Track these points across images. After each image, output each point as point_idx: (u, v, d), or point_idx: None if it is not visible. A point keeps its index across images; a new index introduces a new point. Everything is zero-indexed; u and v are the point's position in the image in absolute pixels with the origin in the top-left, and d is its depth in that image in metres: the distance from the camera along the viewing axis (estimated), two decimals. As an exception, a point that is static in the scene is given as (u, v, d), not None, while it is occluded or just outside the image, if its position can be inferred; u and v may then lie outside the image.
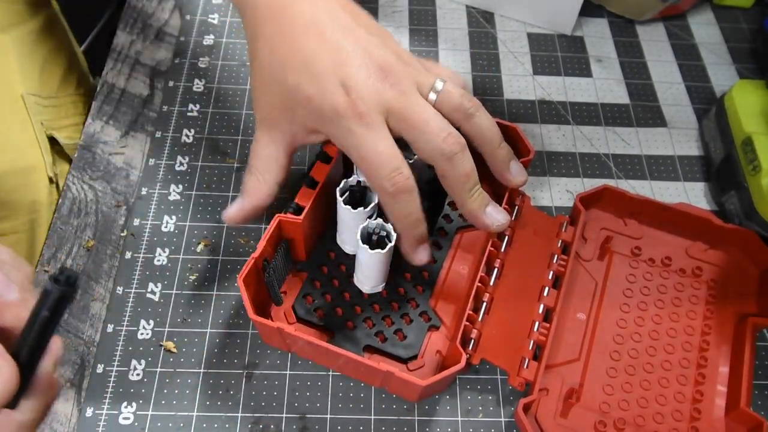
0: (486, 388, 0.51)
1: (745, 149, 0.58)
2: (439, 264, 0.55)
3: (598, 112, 0.67)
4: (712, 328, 0.53)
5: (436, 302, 0.53)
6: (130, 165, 0.60)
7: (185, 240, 0.56)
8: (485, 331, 0.50)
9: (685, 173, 0.63)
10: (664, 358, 0.52)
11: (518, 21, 0.74)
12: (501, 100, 0.67)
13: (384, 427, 0.49)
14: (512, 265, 0.54)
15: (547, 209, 0.60)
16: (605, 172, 0.63)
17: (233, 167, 0.61)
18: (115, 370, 0.50)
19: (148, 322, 0.52)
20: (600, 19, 0.75)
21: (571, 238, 0.54)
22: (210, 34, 0.70)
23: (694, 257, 0.56)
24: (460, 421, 0.50)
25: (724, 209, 0.60)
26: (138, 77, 0.66)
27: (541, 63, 0.71)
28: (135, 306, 0.53)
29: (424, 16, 0.74)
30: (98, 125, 0.63)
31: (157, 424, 0.48)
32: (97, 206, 0.58)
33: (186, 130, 0.63)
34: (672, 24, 0.75)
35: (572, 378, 0.50)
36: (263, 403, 0.49)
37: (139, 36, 0.70)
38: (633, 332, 0.53)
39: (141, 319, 0.52)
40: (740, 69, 0.71)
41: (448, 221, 0.57)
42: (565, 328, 0.52)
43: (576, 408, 0.49)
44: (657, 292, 0.55)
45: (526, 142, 0.54)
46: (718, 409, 0.50)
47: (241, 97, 0.65)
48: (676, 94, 0.69)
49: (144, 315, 0.53)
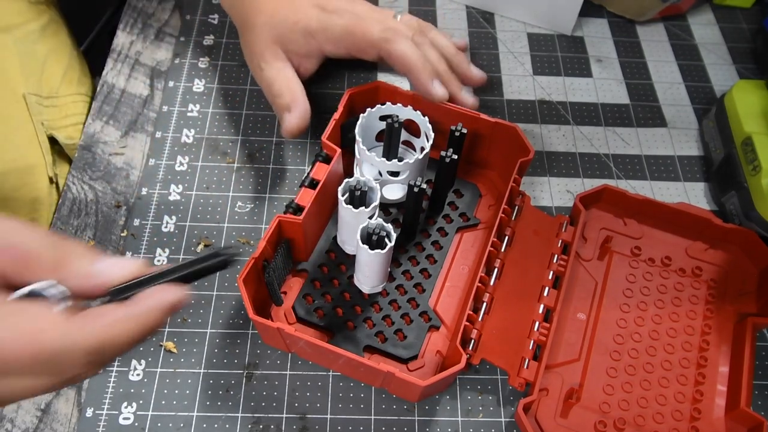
0: (486, 388, 0.51)
1: (745, 149, 0.58)
2: (439, 264, 0.55)
3: (598, 112, 0.67)
4: (712, 327, 0.53)
5: (436, 302, 0.54)
6: (130, 165, 0.60)
7: (185, 240, 0.56)
8: (485, 331, 0.50)
9: (685, 173, 0.63)
10: (664, 358, 0.52)
11: (518, 21, 0.74)
12: (501, 100, 0.67)
13: (384, 427, 0.49)
14: (512, 265, 0.54)
15: (547, 209, 0.60)
16: (605, 172, 0.63)
17: (233, 167, 0.61)
18: (115, 370, 0.50)
19: (149, 322, 0.52)
20: (600, 19, 0.75)
21: (571, 238, 0.54)
22: (210, 34, 0.70)
23: (693, 257, 0.56)
24: (460, 421, 0.50)
25: (724, 209, 0.60)
26: (138, 77, 0.66)
27: (541, 63, 0.71)
28: (135, 306, 0.53)
29: (424, 16, 0.74)
30: (98, 125, 0.63)
31: (157, 424, 0.48)
32: (97, 206, 0.58)
33: (186, 130, 0.63)
34: (672, 24, 0.75)
35: (572, 378, 0.50)
36: (263, 403, 0.49)
37: (139, 36, 0.70)
38: (633, 332, 0.53)
39: (141, 319, 0.52)
40: (740, 69, 0.71)
41: (448, 221, 0.57)
42: (565, 328, 0.52)
43: (576, 408, 0.49)
44: (657, 292, 0.55)
45: (525, 142, 0.54)
46: (718, 409, 0.50)
47: (241, 97, 0.65)
48: (676, 94, 0.69)
49: (144, 315, 0.52)
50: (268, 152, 0.62)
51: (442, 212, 0.58)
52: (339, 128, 0.56)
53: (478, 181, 0.60)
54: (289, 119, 0.57)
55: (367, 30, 0.57)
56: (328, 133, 0.53)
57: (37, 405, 0.49)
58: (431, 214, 0.58)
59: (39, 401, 0.49)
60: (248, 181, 0.60)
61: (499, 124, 0.55)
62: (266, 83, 0.59)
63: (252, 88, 0.66)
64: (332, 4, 0.59)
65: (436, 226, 0.57)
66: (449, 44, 0.62)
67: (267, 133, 0.63)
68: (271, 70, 0.59)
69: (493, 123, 0.55)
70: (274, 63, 0.59)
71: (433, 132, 0.54)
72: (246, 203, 0.59)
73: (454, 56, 0.61)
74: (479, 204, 0.59)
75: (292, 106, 0.57)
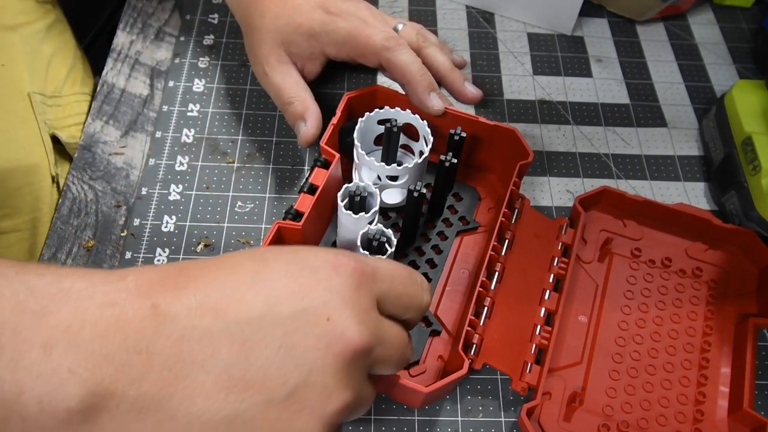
0: (486, 388, 0.51)
1: (745, 149, 0.58)
2: (439, 268, 0.55)
3: (598, 112, 0.67)
4: (713, 328, 0.53)
5: (436, 307, 0.53)
6: (130, 165, 0.60)
7: (185, 240, 0.56)
8: (487, 335, 0.50)
9: (685, 173, 0.63)
10: (666, 359, 0.52)
11: (518, 21, 0.74)
12: (501, 100, 0.67)
13: (384, 427, 0.49)
14: (513, 269, 0.54)
15: (547, 209, 0.60)
16: (605, 172, 0.63)
17: (233, 167, 0.60)
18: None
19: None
20: (600, 19, 0.75)
21: (572, 241, 0.54)
22: (210, 34, 0.70)
23: (694, 258, 0.56)
24: (460, 421, 0.50)
25: (724, 209, 0.60)
26: (138, 77, 0.66)
27: (541, 63, 0.71)
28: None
29: (424, 16, 0.74)
30: (98, 125, 0.63)
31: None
32: (97, 206, 0.58)
33: (186, 130, 0.63)
34: (672, 24, 0.75)
35: (575, 381, 0.50)
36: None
37: (139, 36, 0.69)
38: (635, 334, 0.53)
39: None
40: (740, 69, 0.71)
41: (447, 225, 0.57)
42: (567, 331, 0.52)
43: (579, 412, 0.49)
44: (658, 294, 0.55)
45: (525, 145, 0.54)
46: (721, 411, 0.50)
47: (241, 97, 0.65)
48: (676, 94, 0.69)
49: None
50: (268, 152, 0.62)
51: (442, 216, 0.58)
52: (337, 133, 0.55)
53: (477, 185, 0.60)
54: (306, 130, 0.57)
55: (370, 36, 0.56)
56: (327, 137, 0.53)
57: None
58: (431, 218, 0.57)
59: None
60: (248, 181, 0.60)
61: (498, 127, 0.55)
62: (274, 89, 0.59)
63: (252, 88, 0.66)
64: (337, 7, 0.58)
65: (436, 230, 0.57)
66: (445, 60, 0.61)
67: (267, 133, 0.63)
68: (276, 75, 0.59)
69: (492, 126, 0.55)
70: (279, 67, 0.59)
71: (432, 136, 0.54)
72: (246, 203, 0.59)
73: (449, 73, 0.61)
74: (479, 207, 0.59)
75: (306, 115, 0.57)
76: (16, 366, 0.27)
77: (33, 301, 0.29)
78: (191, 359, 0.30)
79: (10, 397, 0.27)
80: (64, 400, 0.28)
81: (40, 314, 0.28)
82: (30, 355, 0.28)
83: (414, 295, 0.37)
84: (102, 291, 0.30)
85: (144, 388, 0.29)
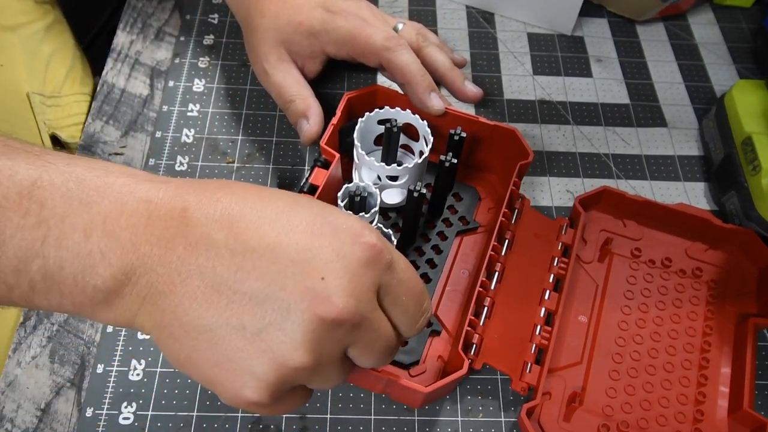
0: (486, 388, 0.51)
1: (745, 149, 0.58)
2: (439, 268, 0.55)
3: (598, 112, 0.67)
4: (713, 328, 0.53)
5: (436, 307, 0.53)
6: (130, 165, 0.60)
7: (185, 241, 0.56)
8: (487, 335, 0.50)
9: (685, 173, 0.63)
10: (666, 360, 0.52)
11: (518, 21, 0.74)
12: (501, 100, 0.67)
13: (384, 427, 0.49)
14: (513, 269, 0.54)
15: (547, 209, 0.60)
16: (605, 172, 0.63)
17: (233, 167, 0.60)
18: (115, 370, 0.50)
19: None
20: (600, 19, 0.75)
21: (572, 241, 0.54)
22: (210, 34, 0.70)
23: (694, 258, 0.56)
24: (460, 421, 0.50)
25: (724, 209, 0.60)
26: (138, 77, 0.66)
27: (541, 63, 0.71)
28: (135, 307, 0.53)
29: (424, 16, 0.74)
30: (98, 125, 0.63)
31: (157, 424, 0.48)
32: (97, 207, 0.58)
33: (186, 130, 0.63)
34: (672, 24, 0.75)
35: (575, 381, 0.50)
36: (264, 404, 0.49)
37: (139, 36, 0.69)
38: (635, 334, 0.53)
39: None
40: (740, 69, 0.71)
41: (447, 225, 0.57)
42: (567, 332, 0.52)
43: (579, 412, 0.49)
44: (658, 294, 0.55)
45: (525, 145, 0.54)
46: (721, 411, 0.50)
47: (241, 97, 0.65)
48: (676, 94, 0.69)
49: (144, 316, 0.52)
50: (268, 152, 0.62)
51: (442, 216, 0.58)
52: (337, 133, 0.55)
53: (477, 185, 0.60)
54: (308, 129, 0.57)
55: (370, 36, 0.56)
56: (327, 137, 0.53)
57: (37, 405, 0.49)
58: (431, 218, 0.57)
59: (39, 401, 0.49)
60: (248, 181, 0.60)
61: (498, 128, 0.55)
62: (275, 88, 0.59)
63: (252, 87, 0.66)
64: (337, 6, 0.59)
65: (436, 230, 0.57)
66: (445, 59, 0.61)
67: (267, 133, 0.63)
68: (277, 74, 0.59)
69: (492, 126, 0.55)
70: (280, 66, 0.59)
71: (432, 136, 0.54)
72: (246, 204, 0.59)
73: (449, 72, 0.61)
74: (479, 207, 0.59)
75: (308, 112, 0.58)
76: (60, 245, 0.31)
77: (80, 191, 0.32)
78: (195, 264, 0.32)
79: (53, 270, 0.31)
80: (93, 278, 0.32)
81: (85, 202, 0.32)
82: (73, 236, 0.31)
83: (413, 312, 0.37)
84: (144, 188, 0.33)
85: (152, 279, 0.33)
